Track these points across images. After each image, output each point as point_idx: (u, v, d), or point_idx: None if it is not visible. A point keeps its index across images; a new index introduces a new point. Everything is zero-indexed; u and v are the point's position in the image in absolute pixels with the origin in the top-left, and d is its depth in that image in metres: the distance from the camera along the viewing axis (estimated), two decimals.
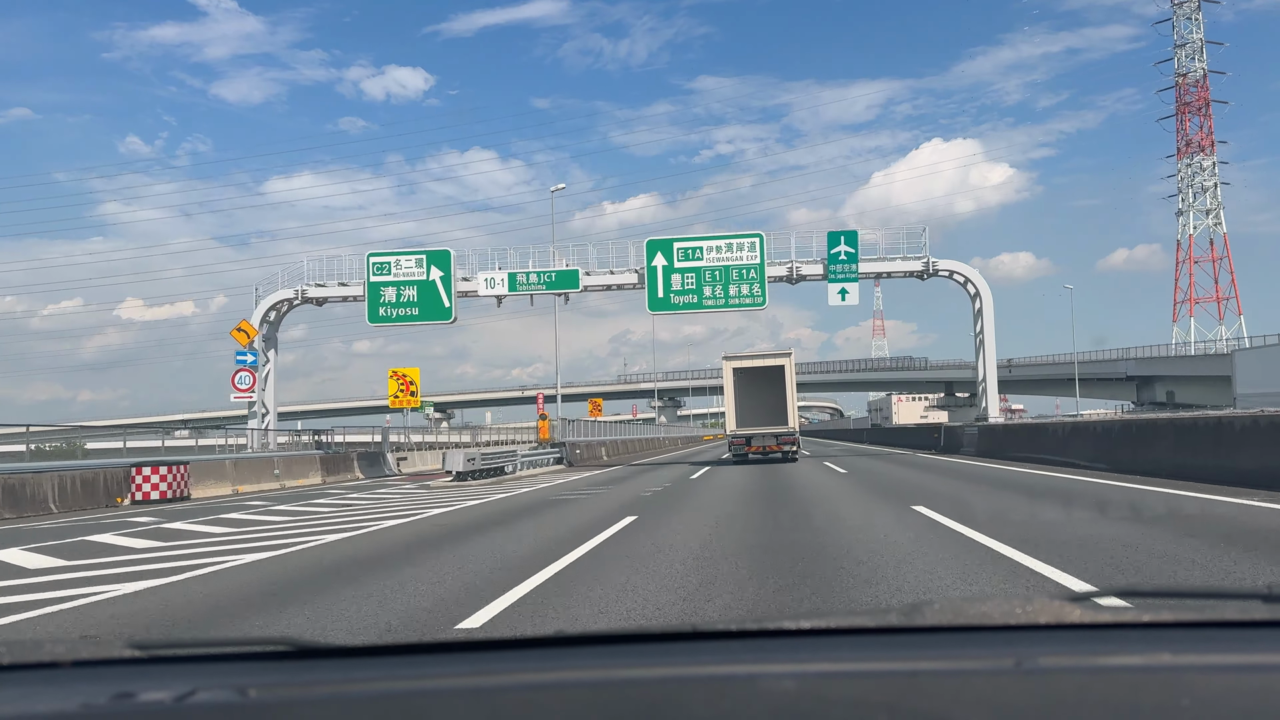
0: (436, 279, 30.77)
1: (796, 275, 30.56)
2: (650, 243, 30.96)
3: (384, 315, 30.98)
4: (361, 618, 5.79)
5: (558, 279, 30.97)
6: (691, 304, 30.27)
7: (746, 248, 30.32)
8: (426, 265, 30.96)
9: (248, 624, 5.86)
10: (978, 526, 8.80)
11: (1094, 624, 1.25)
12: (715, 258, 30.11)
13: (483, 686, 1.14)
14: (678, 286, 30.19)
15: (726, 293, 29.97)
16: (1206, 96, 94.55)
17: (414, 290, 30.88)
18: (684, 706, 1.04)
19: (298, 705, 1.12)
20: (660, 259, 30.21)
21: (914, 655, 1.19)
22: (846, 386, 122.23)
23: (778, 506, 12.81)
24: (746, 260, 30.11)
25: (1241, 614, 1.31)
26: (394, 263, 31.18)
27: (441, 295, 30.84)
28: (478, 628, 5.39)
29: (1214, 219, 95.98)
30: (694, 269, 30.10)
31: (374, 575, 7.50)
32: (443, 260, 31.26)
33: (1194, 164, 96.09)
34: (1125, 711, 0.98)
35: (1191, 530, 8.39)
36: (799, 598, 5.83)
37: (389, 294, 30.87)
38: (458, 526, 11.54)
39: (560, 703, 1.07)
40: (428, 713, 1.07)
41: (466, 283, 31.21)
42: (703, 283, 30.05)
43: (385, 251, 31.74)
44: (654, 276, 30.29)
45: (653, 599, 5.97)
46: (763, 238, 30.59)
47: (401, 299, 30.90)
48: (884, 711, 0.98)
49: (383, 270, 31.03)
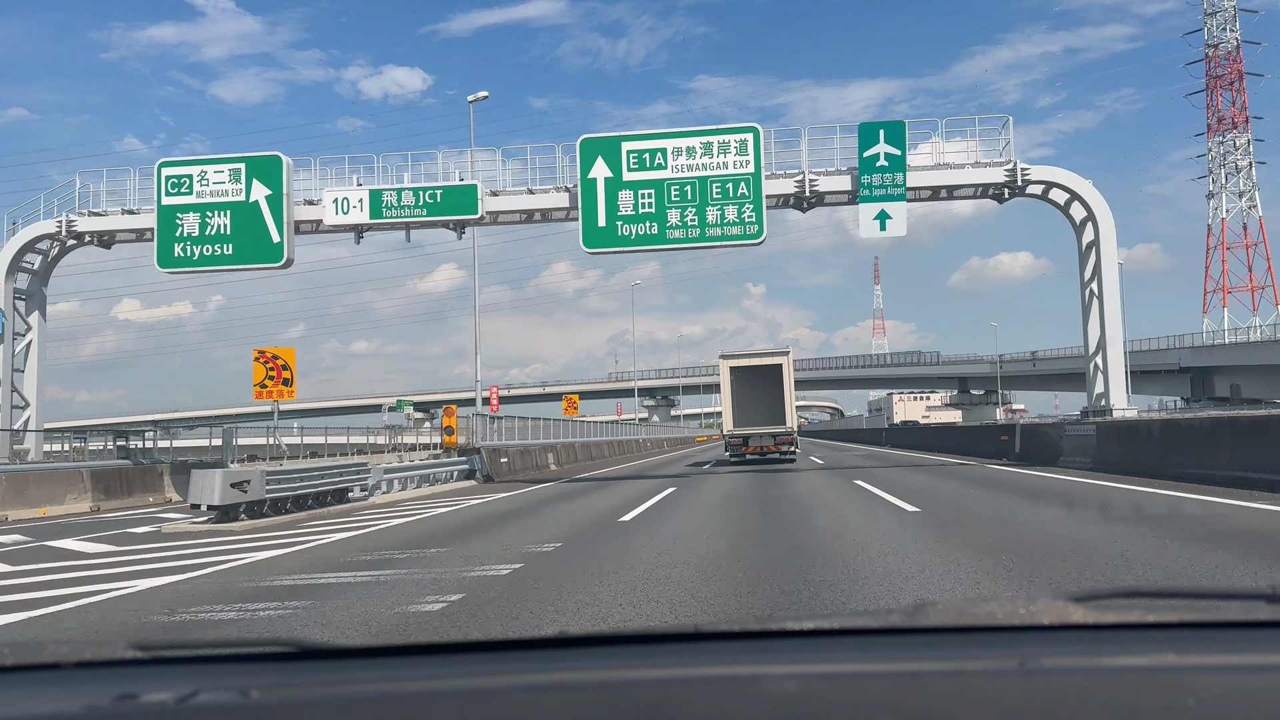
0: (261, 200, 20.74)
1: (810, 193, 20.65)
2: (586, 142, 20.54)
3: (181, 255, 20.90)
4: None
5: (445, 199, 20.63)
6: (650, 236, 20.11)
7: (734, 149, 20.19)
8: (246, 180, 20.81)
9: None
10: None
11: (1097, 624, 1.25)
12: (686, 165, 20.15)
13: (484, 687, 1.14)
14: (628, 210, 20.08)
15: (703, 218, 19.93)
16: (1239, 69, 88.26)
17: (226, 217, 20.74)
18: (686, 707, 1.04)
19: (300, 706, 1.12)
20: (602, 168, 20.24)
21: (916, 656, 1.19)
22: (851, 384, 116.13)
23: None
24: (734, 169, 20.07)
25: (1245, 614, 1.31)
26: (197, 176, 20.91)
27: (269, 224, 20.74)
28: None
29: (1248, 201, 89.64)
30: (653, 182, 20.13)
31: None
32: (270, 172, 20.85)
33: (1226, 142, 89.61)
34: (1129, 712, 0.98)
35: None
36: None
37: (189, 223, 20.79)
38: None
39: (562, 704, 1.07)
40: (429, 713, 1.07)
41: (310, 207, 21.20)
42: (666, 203, 19.99)
43: (185, 160, 21.47)
44: (592, 195, 20.16)
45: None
46: (758, 133, 20.37)
47: (209, 231, 20.74)
48: (886, 712, 0.98)
49: (180, 188, 20.84)
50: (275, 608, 6.62)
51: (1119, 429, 18.40)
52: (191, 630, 6.00)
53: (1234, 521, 9.23)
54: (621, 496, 16.37)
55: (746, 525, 10.73)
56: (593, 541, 9.76)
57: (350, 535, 11.57)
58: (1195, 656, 1.13)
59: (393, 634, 5.70)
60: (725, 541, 9.13)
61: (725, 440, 27.96)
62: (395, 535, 11.43)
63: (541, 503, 16.13)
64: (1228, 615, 1.32)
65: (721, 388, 28.33)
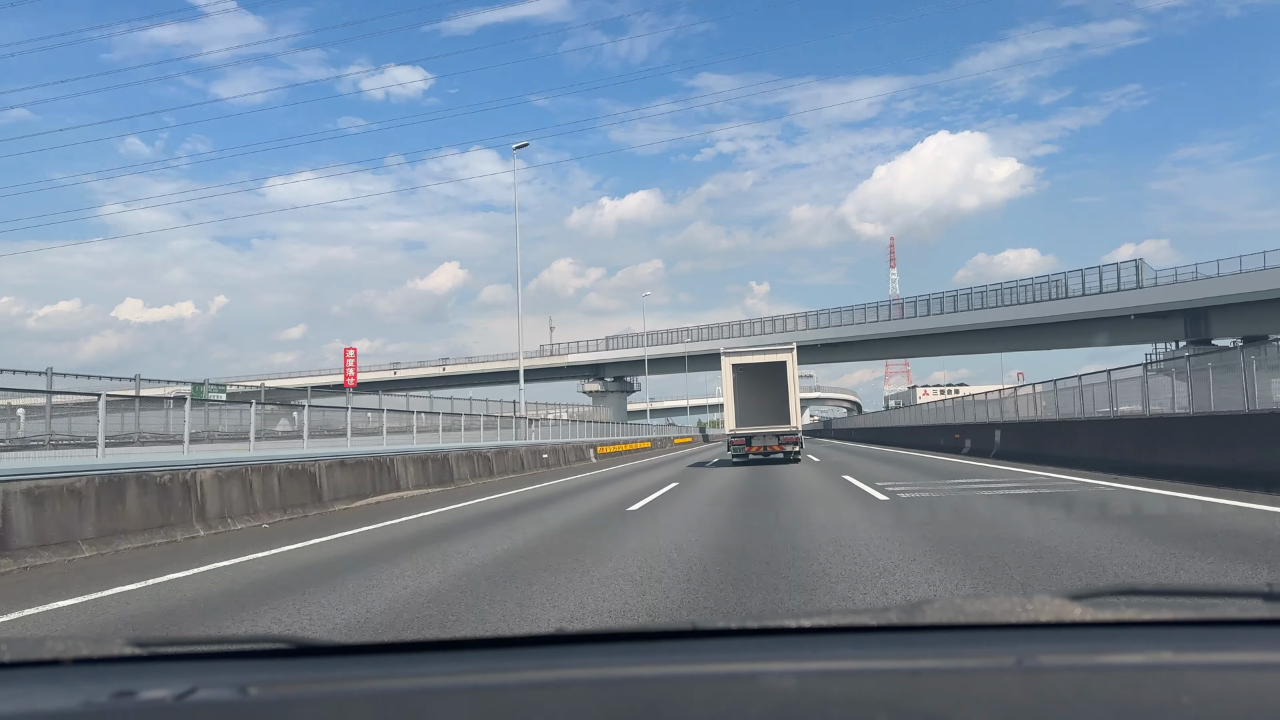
0: None
1: None
2: None
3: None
4: None
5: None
6: None
7: None
8: None
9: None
10: None
11: (1095, 622, 1.25)
12: None
13: (482, 684, 1.15)
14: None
15: None
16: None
17: None
18: (683, 705, 1.04)
19: (298, 703, 1.12)
20: None
21: (914, 653, 1.19)
22: (940, 342, 68.72)
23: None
24: None
25: (1242, 612, 1.32)
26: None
27: None
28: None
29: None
30: None
31: None
32: None
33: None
34: (1126, 710, 0.98)
35: None
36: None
37: None
38: None
39: (560, 701, 1.07)
40: (428, 711, 1.07)
41: None
42: None
43: None
44: None
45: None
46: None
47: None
48: (884, 710, 0.98)
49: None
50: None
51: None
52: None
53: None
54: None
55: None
56: None
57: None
58: (1192, 654, 1.13)
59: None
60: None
61: (728, 440, 27.66)
62: None
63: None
64: (1225, 613, 1.33)
65: (723, 386, 27.86)
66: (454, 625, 5.55)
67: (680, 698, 1.06)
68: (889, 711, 0.97)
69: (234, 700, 1.11)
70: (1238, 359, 14.87)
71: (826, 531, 9.27)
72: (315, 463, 15.26)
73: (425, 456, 20.43)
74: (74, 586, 7.62)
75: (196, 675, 1.19)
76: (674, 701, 1.05)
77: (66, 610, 6.69)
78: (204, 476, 12.07)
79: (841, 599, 5.86)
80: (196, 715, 1.09)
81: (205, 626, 5.89)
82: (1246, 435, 13.26)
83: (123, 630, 6.01)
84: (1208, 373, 16.28)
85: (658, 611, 5.75)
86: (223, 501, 12.35)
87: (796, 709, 1.00)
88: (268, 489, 13.51)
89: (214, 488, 12.23)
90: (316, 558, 9.10)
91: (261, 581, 7.65)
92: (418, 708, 1.07)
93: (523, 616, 5.70)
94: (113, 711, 1.09)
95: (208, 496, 12.05)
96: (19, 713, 1.07)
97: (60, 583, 7.88)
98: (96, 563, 9.26)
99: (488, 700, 1.09)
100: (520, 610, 5.89)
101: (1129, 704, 1.00)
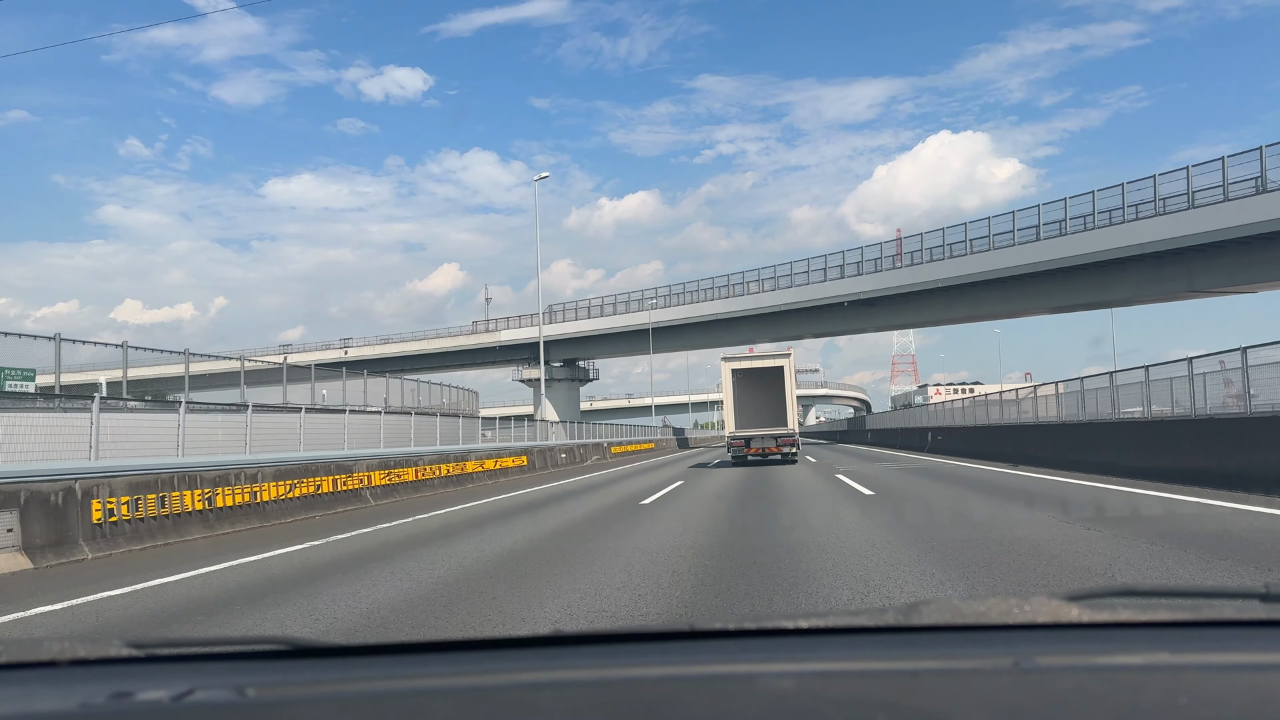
0: None
1: None
2: None
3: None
4: None
5: None
6: None
7: None
8: None
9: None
10: None
11: (1092, 623, 1.25)
12: None
13: (480, 685, 1.15)
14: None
15: None
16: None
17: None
18: (682, 706, 1.04)
19: (296, 704, 1.12)
20: None
21: (912, 655, 1.19)
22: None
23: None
24: None
25: (1239, 613, 1.32)
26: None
27: None
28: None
29: None
30: None
31: None
32: None
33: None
34: (1123, 710, 0.98)
35: None
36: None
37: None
38: None
39: (558, 702, 1.07)
40: (426, 712, 1.07)
41: None
42: None
43: None
44: None
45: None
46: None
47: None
48: (882, 710, 0.98)
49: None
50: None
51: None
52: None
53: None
54: None
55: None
56: None
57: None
58: (1190, 655, 1.13)
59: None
60: None
61: (727, 442, 28.45)
62: None
63: None
64: (1222, 614, 1.33)
65: (723, 390, 28.69)
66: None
67: (678, 699, 1.06)
68: (887, 712, 0.97)
69: (231, 701, 1.11)
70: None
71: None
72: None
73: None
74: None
75: (194, 676, 1.18)
76: (672, 702, 1.05)
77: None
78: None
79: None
80: (194, 716, 1.08)
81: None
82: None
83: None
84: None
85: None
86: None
87: (795, 710, 1.00)
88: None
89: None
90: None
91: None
92: (416, 709, 1.07)
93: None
94: (110, 713, 1.09)
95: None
96: (17, 714, 1.07)
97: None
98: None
99: (486, 701, 1.09)
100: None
101: (1127, 705, 1.00)
